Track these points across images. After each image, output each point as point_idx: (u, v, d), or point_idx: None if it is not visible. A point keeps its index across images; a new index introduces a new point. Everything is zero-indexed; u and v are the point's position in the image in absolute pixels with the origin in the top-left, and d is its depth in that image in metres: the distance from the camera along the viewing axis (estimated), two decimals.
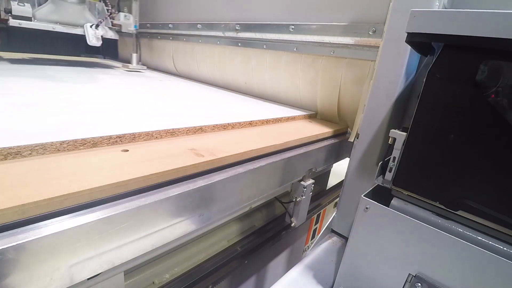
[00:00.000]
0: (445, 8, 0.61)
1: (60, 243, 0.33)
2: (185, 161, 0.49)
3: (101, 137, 0.51)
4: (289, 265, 1.10)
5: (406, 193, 0.49)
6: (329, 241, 0.76)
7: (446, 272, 0.44)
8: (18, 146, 0.42)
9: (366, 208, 0.51)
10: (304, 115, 1.06)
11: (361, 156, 0.71)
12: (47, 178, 0.38)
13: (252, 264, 0.87)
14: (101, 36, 1.52)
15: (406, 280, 0.48)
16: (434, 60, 0.44)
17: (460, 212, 0.44)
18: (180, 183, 0.48)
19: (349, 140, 0.93)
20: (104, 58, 2.08)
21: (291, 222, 0.92)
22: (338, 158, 0.97)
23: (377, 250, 0.51)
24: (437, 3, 0.58)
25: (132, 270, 0.60)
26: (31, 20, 1.35)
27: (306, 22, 1.04)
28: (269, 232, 0.91)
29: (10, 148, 0.42)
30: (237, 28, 1.28)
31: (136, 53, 1.86)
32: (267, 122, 0.87)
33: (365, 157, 0.70)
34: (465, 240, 0.42)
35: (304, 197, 0.86)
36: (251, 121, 0.80)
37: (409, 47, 0.58)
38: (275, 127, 0.85)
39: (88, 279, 0.39)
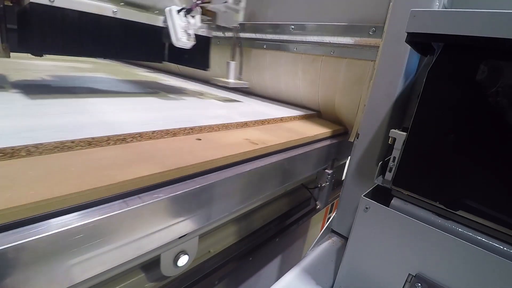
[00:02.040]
0: (445, 8, 0.61)
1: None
2: (244, 147, 0.63)
3: (179, 128, 0.64)
4: (289, 265, 1.10)
5: (406, 193, 0.49)
6: (329, 241, 0.75)
7: (446, 272, 0.44)
8: (128, 133, 0.55)
9: (366, 208, 0.51)
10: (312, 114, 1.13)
11: (361, 156, 0.71)
12: (147, 157, 0.50)
13: (252, 264, 0.87)
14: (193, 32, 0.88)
15: (406, 280, 0.48)
16: (434, 60, 0.44)
17: (460, 212, 0.44)
18: (241, 165, 0.59)
19: (349, 140, 0.93)
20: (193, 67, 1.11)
21: (316, 205, 1.05)
22: None
23: (377, 250, 0.51)
24: (437, 3, 0.58)
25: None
26: None
27: (306, 22, 1.04)
28: (269, 232, 0.91)
29: (118, 135, 0.54)
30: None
31: (235, 60, 1.11)
32: (294, 118, 1.02)
33: (365, 157, 0.70)
34: (465, 240, 0.42)
35: (328, 183, 0.97)
36: (281, 118, 0.97)
37: (409, 47, 0.58)
38: (298, 123, 0.98)
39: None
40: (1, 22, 0.75)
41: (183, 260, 0.56)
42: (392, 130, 0.51)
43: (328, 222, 0.79)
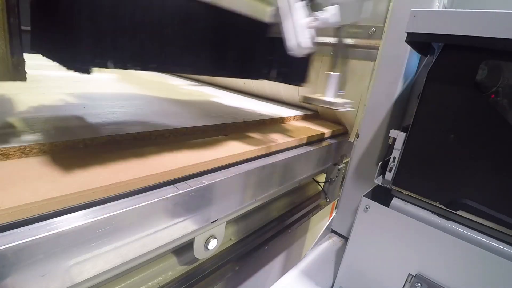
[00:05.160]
0: (445, 8, 0.61)
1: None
2: (267, 142, 0.68)
3: (208, 125, 0.70)
4: (289, 265, 1.10)
5: (406, 193, 0.49)
6: (329, 241, 0.76)
7: (446, 272, 0.44)
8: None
9: (366, 208, 0.51)
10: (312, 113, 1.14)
11: (361, 156, 0.71)
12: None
13: (252, 264, 0.87)
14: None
15: (406, 280, 0.48)
16: (434, 60, 0.44)
17: (460, 212, 0.44)
18: (267, 157, 0.66)
19: (349, 140, 0.93)
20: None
21: (326, 199, 1.09)
22: None
23: (377, 250, 0.51)
24: (437, 3, 0.58)
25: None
26: None
27: None
28: (269, 232, 0.91)
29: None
30: None
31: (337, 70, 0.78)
32: (301, 117, 1.07)
33: (365, 157, 0.70)
34: (465, 240, 0.42)
35: (337, 177, 1.01)
36: (294, 116, 1.01)
37: (409, 47, 0.58)
38: (305, 122, 1.02)
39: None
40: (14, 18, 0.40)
41: (212, 244, 0.62)
42: (392, 130, 0.51)
43: (328, 222, 0.79)
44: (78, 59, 0.37)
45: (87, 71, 0.39)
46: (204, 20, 0.49)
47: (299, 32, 0.54)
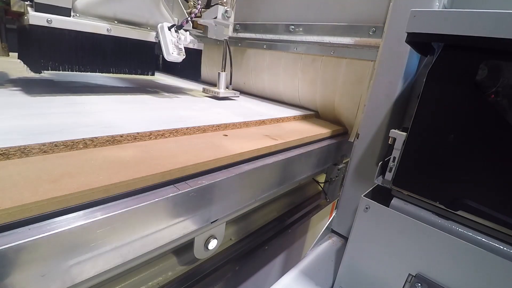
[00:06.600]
0: (445, 8, 0.61)
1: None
2: (267, 142, 0.69)
3: (208, 125, 0.71)
4: (290, 265, 1.10)
5: (406, 193, 0.49)
6: (329, 241, 0.75)
7: (446, 272, 0.44)
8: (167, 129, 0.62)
9: (366, 208, 0.51)
10: (312, 114, 1.13)
11: (361, 156, 0.71)
12: (186, 149, 0.56)
13: (252, 264, 0.87)
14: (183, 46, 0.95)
15: (406, 280, 0.48)
16: (434, 60, 0.44)
17: (460, 212, 0.44)
18: (267, 157, 0.67)
19: (349, 140, 0.94)
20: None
21: (326, 199, 1.12)
22: None
23: (377, 250, 0.51)
24: (437, 3, 0.58)
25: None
26: (69, 15, 0.77)
27: (306, 22, 1.04)
28: (269, 232, 0.91)
29: (158, 131, 0.61)
30: (237, 28, 1.28)
31: (224, 71, 1.15)
32: (301, 117, 1.08)
33: (365, 157, 0.70)
34: (465, 240, 0.42)
35: (337, 177, 1.03)
36: (294, 116, 1.04)
37: (409, 47, 0.58)
38: (304, 123, 1.03)
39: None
40: (1, 22, 0.84)
41: (212, 244, 0.63)
42: (392, 130, 0.51)
43: (328, 222, 0.79)
44: (39, 67, 0.75)
45: (39, 72, 0.76)
46: (115, 44, 0.87)
47: (169, 47, 0.89)
